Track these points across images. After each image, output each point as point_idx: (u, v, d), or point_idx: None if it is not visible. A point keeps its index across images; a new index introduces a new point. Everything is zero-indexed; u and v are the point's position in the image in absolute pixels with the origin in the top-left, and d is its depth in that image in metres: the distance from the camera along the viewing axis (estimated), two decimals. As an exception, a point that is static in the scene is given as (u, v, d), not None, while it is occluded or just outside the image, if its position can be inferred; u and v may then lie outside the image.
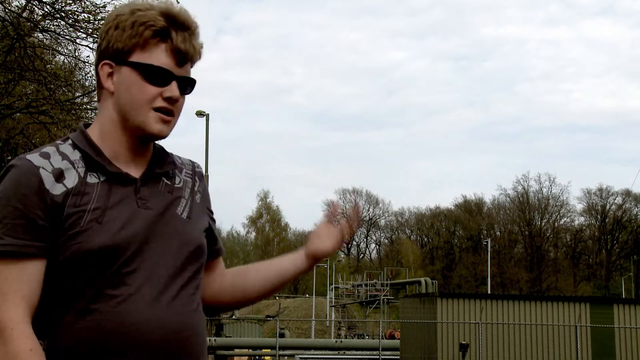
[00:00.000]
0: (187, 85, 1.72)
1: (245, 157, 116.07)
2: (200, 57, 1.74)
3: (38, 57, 14.33)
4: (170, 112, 1.69)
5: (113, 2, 13.26)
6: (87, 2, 13.36)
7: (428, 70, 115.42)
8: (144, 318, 1.60)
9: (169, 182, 1.77)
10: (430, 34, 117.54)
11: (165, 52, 1.67)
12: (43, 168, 1.64)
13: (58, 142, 1.74)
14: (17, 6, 14.47)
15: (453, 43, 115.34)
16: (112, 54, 1.69)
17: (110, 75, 1.70)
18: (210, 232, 1.86)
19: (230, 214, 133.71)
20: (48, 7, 13.69)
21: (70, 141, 1.73)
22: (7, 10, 13.90)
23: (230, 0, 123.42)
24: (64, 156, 1.69)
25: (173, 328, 1.63)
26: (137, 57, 1.67)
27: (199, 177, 1.87)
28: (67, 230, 1.62)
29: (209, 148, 24.64)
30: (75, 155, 1.70)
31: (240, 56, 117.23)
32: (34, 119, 16.49)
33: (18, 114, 16.94)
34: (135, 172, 1.72)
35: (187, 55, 1.69)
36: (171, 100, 1.68)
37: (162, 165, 1.77)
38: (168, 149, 1.86)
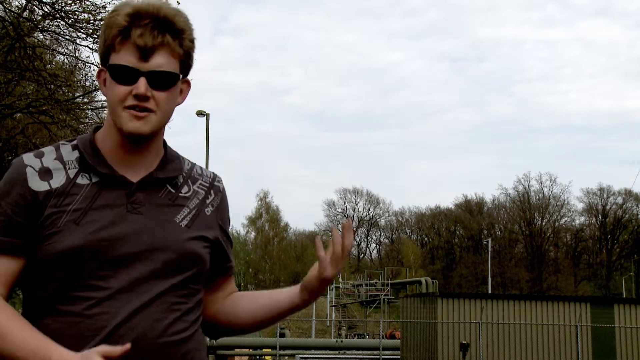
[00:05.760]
0: (161, 78, 1.65)
1: (244, 157, 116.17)
2: (182, 43, 1.68)
3: (38, 57, 14.34)
4: (143, 108, 1.65)
5: (113, 2, 13.27)
6: (87, 2, 13.37)
7: (425, 71, 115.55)
8: (115, 322, 1.58)
9: (173, 190, 1.75)
10: (427, 35, 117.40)
11: (129, 49, 1.64)
12: (31, 166, 1.67)
13: (62, 142, 1.76)
14: (17, 6, 14.47)
15: (450, 44, 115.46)
16: (102, 60, 1.71)
17: (105, 80, 1.71)
18: (219, 247, 1.83)
19: (230, 214, 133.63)
20: (48, 7, 13.68)
21: (75, 141, 1.75)
22: (7, 10, 13.90)
23: (228, 1, 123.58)
24: (59, 156, 1.70)
25: (145, 334, 1.59)
26: (112, 60, 1.66)
27: (215, 191, 1.84)
28: (46, 230, 1.62)
29: (209, 148, 24.66)
30: (72, 156, 1.71)
31: (238, 57, 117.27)
32: (34, 119, 16.49)
33: (18, 114, 16.93)
34: (135, 176, 1.71)
35: (148, 48, 1.63)
36: (139, 97, 1.63)
37: (167, 171, 1.75)
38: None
